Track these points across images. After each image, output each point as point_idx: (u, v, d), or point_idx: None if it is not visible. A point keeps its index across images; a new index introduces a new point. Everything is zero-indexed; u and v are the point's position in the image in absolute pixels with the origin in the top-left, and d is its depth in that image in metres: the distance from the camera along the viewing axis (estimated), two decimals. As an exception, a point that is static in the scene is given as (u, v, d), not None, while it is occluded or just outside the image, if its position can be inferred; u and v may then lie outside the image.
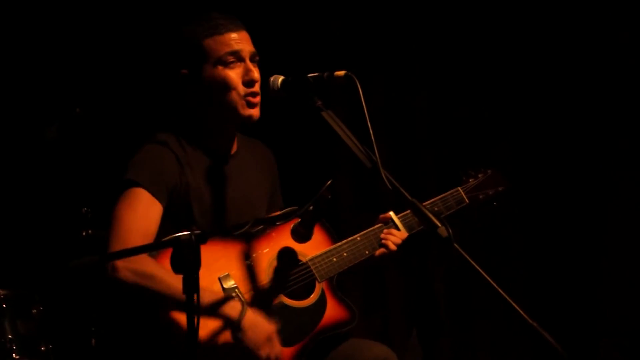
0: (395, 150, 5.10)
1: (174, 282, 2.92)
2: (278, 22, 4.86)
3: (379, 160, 2.75)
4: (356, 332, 3.42)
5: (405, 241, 3.45)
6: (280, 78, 3.02)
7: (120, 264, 3.01)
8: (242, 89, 3.25)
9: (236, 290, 3.12)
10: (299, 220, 3.12)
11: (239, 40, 3.27)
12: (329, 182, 2.93)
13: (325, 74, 2.93)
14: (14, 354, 3.70)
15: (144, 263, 3.03)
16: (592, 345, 5.05)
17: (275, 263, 3.26)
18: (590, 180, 5.07)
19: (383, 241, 3.44)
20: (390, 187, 2.73)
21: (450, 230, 2.58)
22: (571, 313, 5.08)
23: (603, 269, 5.07)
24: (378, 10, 5.11)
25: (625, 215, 5.02)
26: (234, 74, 3.25)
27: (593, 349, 5.04)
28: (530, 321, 2.53)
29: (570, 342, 4.64)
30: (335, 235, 3.44)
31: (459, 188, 3.71)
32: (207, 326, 3.02)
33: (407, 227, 3.49)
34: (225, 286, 3.11)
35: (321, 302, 3.32)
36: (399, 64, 5.15)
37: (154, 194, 3.15)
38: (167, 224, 3.14)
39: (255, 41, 3.34)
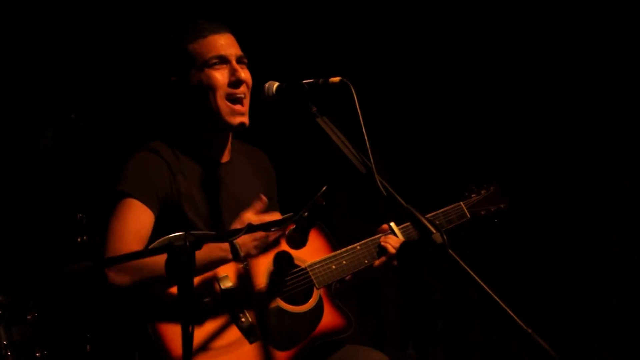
0: (391, 157, 5.10)
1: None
2: (275, 29, 4.86)
3: (373, 167, 2.75)
4: (351, 339, 3.41)
5: (401, 249, 3.44)
6: (275, 84, 3.02)
7: (110, 271, 3.01)
8: (226, 90, 3.26)
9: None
10: (294, 226, 3.12)
11: (223, 43, 3.28)
12: (324, 188, 2.93)
13: (321, 80, 2.93)
14: (8, 360, 3.69)
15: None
16: (587, 351, 5.05)
17: (272, 268, 3.26)
18: (585, 186, 5.08)
19: (382, 244, 3.42)
20: (384, 193, 2.72)
21: (445, 237, 2.57)
22: (566, 319, 5.08)
23: (598, 274, 5.08)
24: (376, 17, 5.11)
25: (619, 220, 5.03)
26: (220, 75, 3.26)
27: (588, 355, 5.05)
28: (525, 327, 2.52)
29: (565, 348, 4.65)
30: (335, 242, 3.44)
31: (461, 203, 3.72)
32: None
33: (408, 238, 3.48)
34: (223, 287, 3.12)
35: (318, 309, 3.32)
36: (395, 71, 5.16)
37: (145, 202, 3.16)
38: (163, 231, 3.13)
39: (251, 48, 3.35)
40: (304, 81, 2.96)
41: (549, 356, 2.50)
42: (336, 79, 2.89)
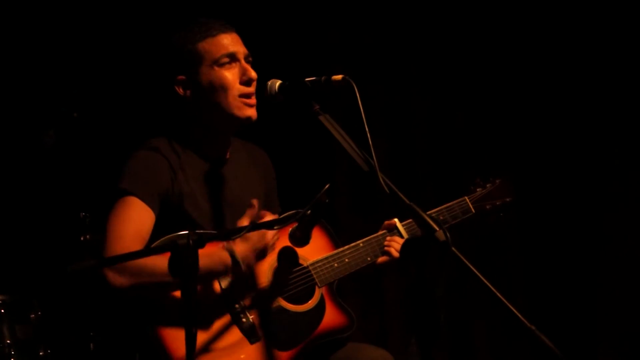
0: (393, 154, 5.10)
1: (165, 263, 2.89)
2: (276, 27, 4.85)
3: (376, 164, 2.75)
4: (354, 337, 3.41)
5: (403, 246, 3.44)
6: (278, 82, 3.02)
7: (108, 272, 3.00)
8: (239, 89, 3.26)
9: None
10: (296, 224, 3.12)
11: (232, 42, 3.29)
12: (327, 186, 2.93)
13: (323, 78, 2.93)
14: (12, 359, 3.69)
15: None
16: (590, 349, 5.05)
17: (275, 265, 3.26)
18: (589, 184, 5.07)
19: (386, 248, 3.44)
20: (387, 191, 2.72)
21: (448, 234, 2.57)
22: (570, 316, 5.07)
23: (601, 272, 5.07)
24: (377, 15, 5.11)
25: (622, 217, 5.02)
26: (231, 74, 3.27)
27: (591, 353, 5.04)
28: (529, 325, 2.52)
29: (568, 345, 4.64)
30: (337, 240, 3.43)
31: (466, 197, 3.71)
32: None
33: (412, 235, 3.48)
34: (224, 287, 3.12)
35: (320, 307, 3.32)
36: (397, 68, 5.15)
37: (146, 201, 3.16)
38: (164, 229, 3.13)
39: (253, 46, 3.35)
40: (306, 79, 2.96)
41: (552, 353, 2.50)
42: (338, 77, 2.89)
